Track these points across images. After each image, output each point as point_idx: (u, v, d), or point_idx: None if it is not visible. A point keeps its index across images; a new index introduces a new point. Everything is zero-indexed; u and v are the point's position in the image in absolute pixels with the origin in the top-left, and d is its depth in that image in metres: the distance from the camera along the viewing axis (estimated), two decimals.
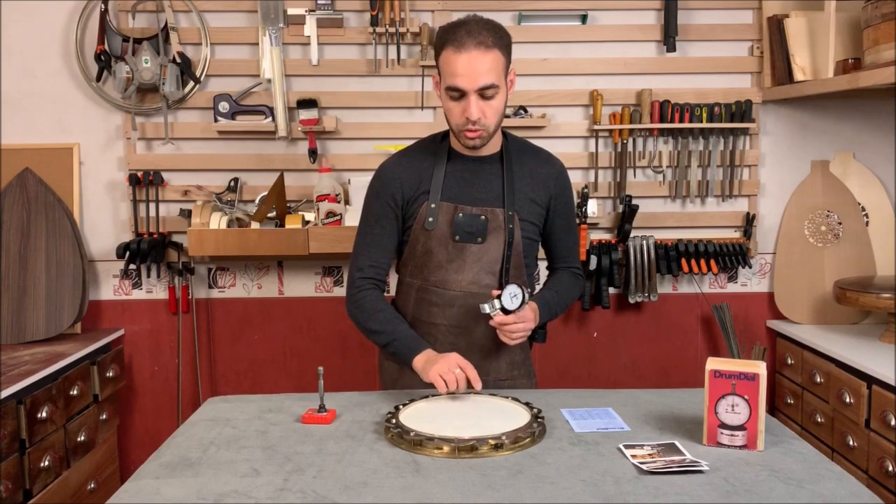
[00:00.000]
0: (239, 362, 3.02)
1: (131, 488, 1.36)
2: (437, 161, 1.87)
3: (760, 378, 1.46)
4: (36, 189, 2.79)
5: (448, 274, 1.86)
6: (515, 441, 1.49)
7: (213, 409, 1.76)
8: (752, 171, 2.98)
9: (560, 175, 1.95)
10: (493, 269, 1.87)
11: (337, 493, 1.30)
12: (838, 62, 2.57)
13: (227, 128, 2.84)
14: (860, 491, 1.31)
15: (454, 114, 1.77)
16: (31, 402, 2.26)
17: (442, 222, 1.84)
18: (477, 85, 1.70)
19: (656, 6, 2.91)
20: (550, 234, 1.98)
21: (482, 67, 1.70)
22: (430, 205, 1.84)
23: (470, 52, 1.69)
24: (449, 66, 1.72)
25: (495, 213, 1.85)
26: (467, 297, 1.86)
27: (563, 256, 2.02)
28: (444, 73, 1.75)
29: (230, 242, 2.72)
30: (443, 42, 1.74)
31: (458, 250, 1.85)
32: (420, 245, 1.86)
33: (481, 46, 1.69)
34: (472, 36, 1.70)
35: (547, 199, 1.93)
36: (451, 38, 1.72)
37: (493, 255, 1.86)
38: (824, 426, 2.59)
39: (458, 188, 1.85)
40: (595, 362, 3.07)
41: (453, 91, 1.73)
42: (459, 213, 1.83)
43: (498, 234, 1.85)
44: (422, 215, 1.84)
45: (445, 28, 1.76)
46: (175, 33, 2.81)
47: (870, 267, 2.93)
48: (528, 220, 1.89)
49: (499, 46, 1.72)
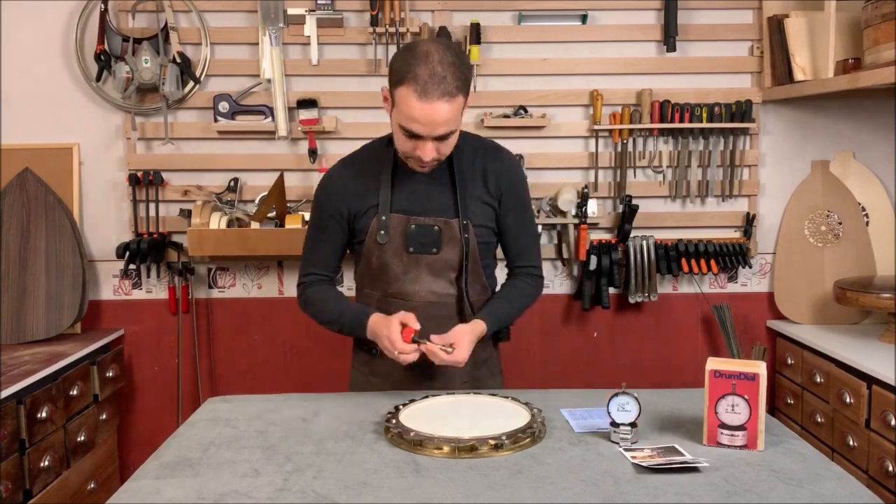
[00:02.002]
0: (239, 362, 3.01)
1: (131, 488, 1.36)
2: (384, 170, 1.81)
3: (760, 378, 1.46)
4: (36, 189, 2.79)
5: (405, 285, 1.83)
6: (515, 441, 1.49)
7: (213, 409, 1.76)
8: (752, 171, 2.98)
9: (510, 170, 1.87)
10: (449, 278, 1.85)
11: (337, 493, 1.30)
12: (838, 62, 2.57)
13: (227, 128, 2.84)
14: (860, 491, 1.31)
15: (405, 146, 1.70)
16: (31, 402, 2.26)
17: (394, 235, 1.80)
18: (436, 134, 1.64)
19: (656, 6, 2.91)
20: (504, 232, 1.90)
21: (443, 117, 1.61)
22: (380, 217, 1.79)
23: (434, 102, 1.59)
24: (407, 108, 1.61)
25: (450, 224, 1.80)
26: (427, 307, 1.82)
27: (519, 255, 1.93)
28: (399, 107, 1.64)
29: (230, 242, 2.72)
30: (402, 76, 1.61)
31: (413, 261, 1.82)
32: (375, 258, 1.83)
33: (446, 97, 1.59)
34: (436, 83, 1.58)
35: (497, 196, 1.85)
36: (413, 78, 1.59)
37: (450, 264, 1.83)
38: (824, 426, 2.59)
39: (408, 199, 1.80)
40: (595, 362, 3.06)
41: (407, 131, 1.65)
42: (412, 225, 1.79)
43: (453, 245, 1.81)
44: (373, 229, 1.80)
45: (406, 56, 1.62)
46: (175, 33, 2.81)
47: (870, 267, 2.93)
48: (481, 225, 1.84)
49: (462, 89, 1.63)
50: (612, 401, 1.53)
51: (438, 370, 1.85)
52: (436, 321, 1.80)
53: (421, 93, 1.59)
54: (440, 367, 1.81)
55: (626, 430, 1.51)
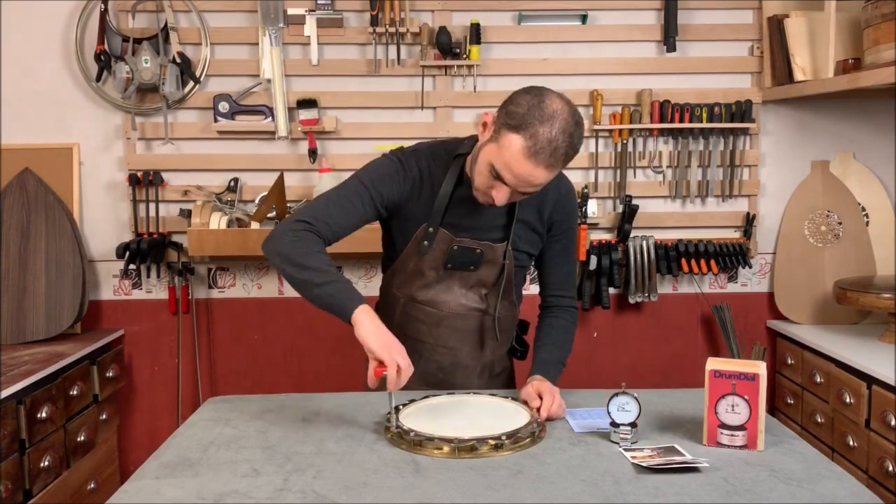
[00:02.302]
0: (239, 362, 3.01)
1: (131, 488, 1.36)
2: (447, 182, 1.73)
3: (760, 378, 1.46)
4: (36, 189, 2.79)
5: (437, 294, 1.81)
6: (515, 441, 1.49)
7: (213, 409, 1.76)
8: (752, 171, 2.98)
9: (567, 199, 1.84)
10: (481, 293, 1.83)
11: (337, 494, 1.30)
12: (838, 62, 2.57)
13: (227, 128, 2.84)
14: (860, 491, 1.31)
15: (483, 181, 1.63)
16: (31, 402, 2.26)
17: (437, 249, 1.76)
18: (522, 190, 1.60)
19: (656, 6, 2.91)
20: (546, 259, 1.87)
21: (538, 182, 1.57)
22: (428, 228, 1.75)
23: (538, 166, 1.53)
24: (510, 156, 1.54)
25: (493, 248, 1.77)
26: (454, 318, 1.81)
27: (556, 284, 1.90)
28: (502, 149, 1.55)
29: (230, 242, 2.72)
30: (520, 124, 1.53)
31: (448, 274, 1.80)
32: (412, 264, 1.79)
33: (551, 167, 1.55)
34: (549, 151, 1.52)
35: (549, 225, 1.83)
36: (531, 134, 1.52)
37: (484, 282, 1.81)
38: (824, 426, 2.59)
39: (459, 217, 1.75)
40: (595, 362, 3.07)
41: (495, 172, 1.58)
42: (455, 246, 1.75)
43: (492, 265, 1.79)
44: (419, 235, 1.76)
45: (533, 106, 1.53)
46: (175, 33, 2.81)
47: (870, 267, 2.93)
48: (523, 251, 1.82)
49: (566, 164, 1.59)
50: (612, 401, 1.53)
51: (453, 378, 1.86)
52: (459, 333, 1.81)
53: (532, 153, 1.52)
54: (454, 375, 1.83)
55: (626, 430, 1.51)
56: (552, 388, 1.69)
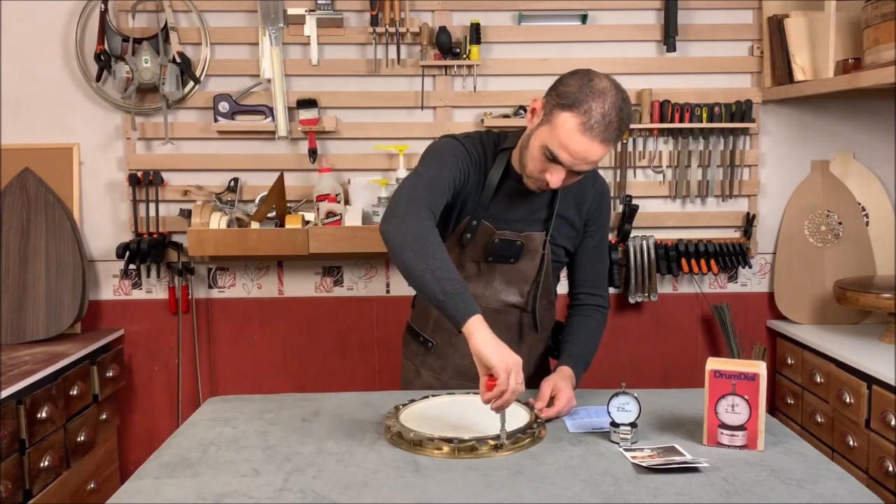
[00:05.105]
0: (239, 362, 3.01)
1: (131, 488, 1.36)
2: (494, 174, 1.75)
3: (760, 378, 1.46)
4: (36, 189, 2.79)
5: (476, 289, 1.81)
6: (515, 441, 1.49)
7: (213, 409, 1.76)
8: (752, 171, 2.98)
9: (603, 195, 1.87)
10: (521, 290, 1.84)
11: (337, 494, 1.30)
12: (838, 62, 2.57)
13: (227, 128, 2.84)
14: (860, 491, 1.31)
15: (537, 166, 1.64)
16: (31, 402, 2.26)
17: (478, 242, 1.78)
18: (578, 168, 1.61)
19: (656, 6, 2.91)
20: (579, 255, 1.89)
21: (594, 158, 1.58)
22: (471, 221, 1.76)
23: (593, 141, 1.55)
24: (565, 134, 1.56)
25: (532, 238, 1.78)
26: (492, 314, 1.77)
27: (586, 282, 1.91)
28: (555, 130, 1.58)
29: (230, 242, 2.72)
30: (572, 102, 1.55)
31: (489, 268, 1.81)
32: (453, 256, 1.77)
33: (607, 143, 1.57)
34: (603, 125, 1.54)
35: (586, 220, 1.85)
36: (584, 111, 1.54)
37: (524, 276, 1.82)
38: (824, 426, 2.59)
39: (501, 208, 1.77)
40: (595, 362, 3.03)
41: (550, 154, 1.60)
42: (496, 239, 1.77)
43: (532, 257, 1.80)
44: (461, 227, 1.77)
45: (582, 85, 1.56)
46: (175, 33, 2.81)
47: (870, 267, 2.93)
48: (560, 245, 1.83)
49: (618, 139, 1.60)
50: (612, 401, 1.53)
51: None
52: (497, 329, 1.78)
53: (587, 128, 1.54)
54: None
55: (626, 430, 1.51)
56: (571, 393, 1.69)
